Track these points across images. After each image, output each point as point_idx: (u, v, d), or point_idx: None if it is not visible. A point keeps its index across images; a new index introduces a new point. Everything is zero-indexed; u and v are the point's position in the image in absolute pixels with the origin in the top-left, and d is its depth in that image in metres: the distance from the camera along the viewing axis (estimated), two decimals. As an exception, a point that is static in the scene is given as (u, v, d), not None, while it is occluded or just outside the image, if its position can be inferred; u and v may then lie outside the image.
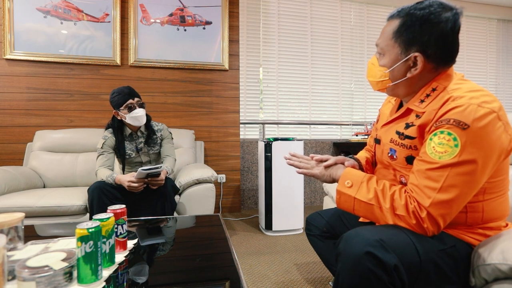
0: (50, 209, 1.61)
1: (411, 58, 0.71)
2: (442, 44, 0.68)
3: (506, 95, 3.72)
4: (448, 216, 0.63)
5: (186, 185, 1.78)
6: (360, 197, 0.71)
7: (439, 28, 0.67)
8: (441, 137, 0.63)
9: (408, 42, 0.70)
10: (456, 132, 0.61)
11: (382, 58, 0.77)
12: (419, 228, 0.64)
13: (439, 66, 0.71)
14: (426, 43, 0.68)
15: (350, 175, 0.76)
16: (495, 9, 3.60)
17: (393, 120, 0.81)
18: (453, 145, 0.61)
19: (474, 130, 0.60)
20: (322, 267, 1.59)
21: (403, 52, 0.72)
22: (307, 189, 3.09)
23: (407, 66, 0.72)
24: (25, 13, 2.27)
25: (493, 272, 0.62)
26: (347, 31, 3.22)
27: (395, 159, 0.77)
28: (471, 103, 0.61)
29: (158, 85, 2.55)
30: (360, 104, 3.28)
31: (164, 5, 2.52)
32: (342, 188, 0.75)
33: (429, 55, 0.69)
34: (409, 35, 0.70)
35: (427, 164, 0.64)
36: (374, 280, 0.58)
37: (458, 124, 0.61)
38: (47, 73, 2.34)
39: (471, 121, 0.60)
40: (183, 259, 0.87)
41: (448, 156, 0.61)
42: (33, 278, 0.55)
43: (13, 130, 2.29)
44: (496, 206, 0.70)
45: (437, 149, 0.63)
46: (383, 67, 0.76)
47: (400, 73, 0.74)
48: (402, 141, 0.74)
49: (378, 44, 0.78)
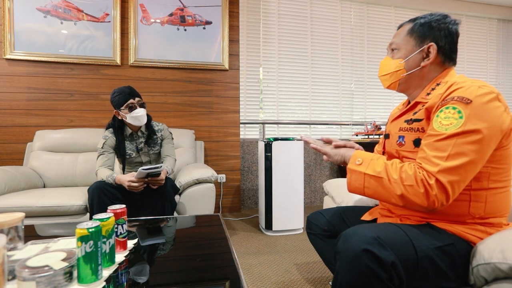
0: (50, 209, 1.61)
1: (425, 49, 0.81)
2: (450, 39, 0.80)
3: (506, 95, 3.72)
4: (456, 184, 0.63)
5: (186, 185, 1.78)
6: (370, 171, 0.72)
7: (446, 26, 0.80)
8: (446, 112, 0.68)
9: (423, 36, 0.81)
10: (460, 106, 0.66)
11: (397, 53, 0.86)
12: (427, 197, 0.64)
13: (446, 60, 0.81)
14: (438, 37, 0.80)
15: (360, 154, 0.78)
16: (495, 9, 3.59)
17: (402, 114, 0.87)
18: (458, 117, 0.65)
19: (476, 104, 0.65)
20: (322, 266, 1.59)
21: (417, 44, 0.82)
22: (307, 189, 3.09)
23: (421, 56, 0.82)
24: (25, 13, 2.27)
25: (493, 271, 0.62)
26: (347, 31, 3.22)
27: (403, 145, 0.81)
28: (472, 85, 0.68)
29: (158, 85, 2.55)
30: (360, 104, 3.28)
31: (164, 5, 2.52)
32: (353, 166, 0.76)
33: (440, 47, 0.80)
34: (423, 30, 0.81)
35: (435, 137, 0.67)
36: (372, 277, 0.59)
37: (461, 99, 0.66)
38: (47, 73, 2.34)
39: (473, 97, 0.66)
40: (183, 259, 0.87)
41: (453, 127, 0.65)
42: (33, 278, 0.55)
43: (13, 130, 2.29)
44: (498, 199, 0.71)
45: (443, 122, 0.67)
46: (399, 59, 0.85)
47: (415, 63, 0.82)
48: (410, 126, 0.80)
49: (393, 42, 0.88)
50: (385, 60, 0.89)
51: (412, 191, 0.65)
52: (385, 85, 0.90)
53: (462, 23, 3.55)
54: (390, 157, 0.88)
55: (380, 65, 0.91)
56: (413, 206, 0.66)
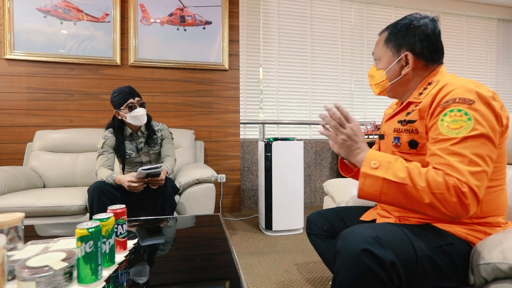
0: (50, 209, 1.61)
1: (403, 58, 0.81)
2: (427, 43, 0.79)
3: (506, 94, 3.72)
4: (482, 188, 0.61)
5: (186, 185, 1.78)
6: (391, 176, 0.65)
7: (420, 30, 0.79)
8: (452, 115, 0.66)
9: (397, 45, 0.82)
10: (465, 108, 0.65)
11: (379, 63, 0.88)
12: (461, 205, 0.60)
13: (428, 63, 0.80)
14: (413, 43, 0.79)
15: (375, 156, 0.70)
16: (495, 9, 3.59)
17: (395, 114, 0.86)
18: (466, 119, 0.64)
19: (479, 104, 0.65)
20: (322, 266, 1.59)
21: (395, 54, 0.83)
22: (307, 189, 3.09)
23: (400, 65, 0.82)
24: (25, 13, 2.27)
25: (493, 271, 0.62)
26: (347, 31, 3.22)
27: (399, 146, 0.80)
28: (468, 86, 0.68)
29: (158, 85, 2.55)
30: (360, 104, 3.28)
31: (164, 5, 2.52)
32: (368, 169, 0.68)
33: (417, 53, 0.79)
34: (398, 39, 0.82)
35: (448, 141, 0.65)
36: (372, 277, 0.59)
37: (464, 101, 0.65)
38: (47, 73, 2.34)
39: (474, 97, 0.65)
40: (183, 259, 0.87)
41: (465, 130, 0.63)
42: (33, 278, 0.55)
43: (13, 130, 2.29)
44: (494, 198, 0.71)
45: (452, 126, 0.65)
46: (381, 70, 0.87)
47: (396, 72, 0.83)
48: (404, 127, 0.79)
49: (374, 53, 0.90)
50: (371, 70, 0.91)
51: (444, 200, 0.60)
52: (376, 93, 0.92)
53: (462, 23, 3.55)
54: None
55: (368, 75, 0.94)
56: (440, 215, 0.62)
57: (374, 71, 0.90)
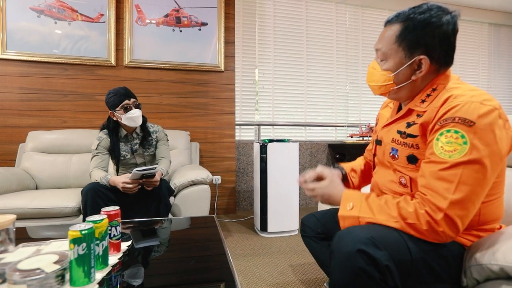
0: (43, 211, 1.59)
1: (416, 61, 0.71)
2: (446, 45, 0.70)
3: (498, 97, 3.78)
4: (465, 218, 0.61)
5: (181, 187, 1.78)
6: (364, 215, 0.69)
7: (441, 30, 0.69)
8: (448, 136, 0.62)
9: (412, 46, 0.71)
10: (463, 130, 0.60)
11: (385, 63, 0.76)
12: (433, 233, 0.62)
13: (441, 67, 0.73)
14: (431, 46, 0.70)
15: (350, 197, 0.74)
16: (486, 13, 3.66)
17: (394, 120, 0.81)
18: (462, 143, 0.60)
19: (480, 127, 0.60)
20: (317, 268, 1.60)
21: (407, 56, 0.72)
22: (302, 190, 3.09)
23: (412, 69, 0.73)
24: (18, 12, 2.24)
25: (484, 272, 0.62)
26: (342, 33, 3.24)
27: (396, 159, 0.77)
28: (473, 101, 0.62)
29: (153, 86, 2.53)
30: (355, 105, 3.31)
31: (159, 6, 2.51)
32: (345, 212, 0.72)
33: (434, 57, 0.70)
34: (413, 38, 0.70)
35: (438, 165, 0.63)
36: (366, 277, 0.59)
37: (464, 121, 0.61)
38: (41, 73, 2.32)
39: (476, 117, 0.60)
40: (178, 261, 0.87)
41: (458, 154, 0.60)
42: (24, 281, 0.54)
43: (5, 130, 2.26)
44: (492, 209, 0.70)
45: (445, 148, 0.62)
46: (387, 71, 0.76)
47: (405, 77, 0.74)
48: (404, 140, 0.74)
49: (379, 48, 0.77)
50: (373, 67, 0.80)
51: (414, 228, 0.63)
52: (375, 93, 0.84)
53: (455, 27, 3.60)
54: (382, 165, 0.86)
55: (368, 71, 0.83)
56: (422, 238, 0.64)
57: (376, 68, 0.79)
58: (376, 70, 0.79)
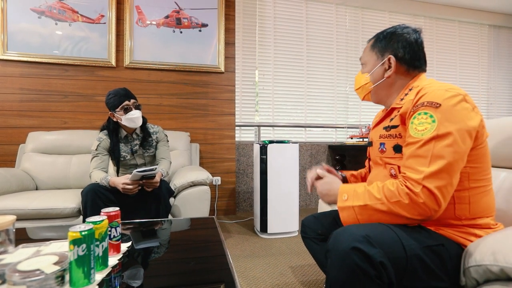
0: (43, 212, 1.59)
1: (386, 61, 0.86)
2: (409, 49, 0.84)
3: (497, 99, 3.79)
4: (444, 188, 0.65)
5: (181, 188, 1.78)
6: (356, 203, 0.73)
7: (403, 37, 0.85)
8: (419, 118, 0.71)
9: (382, 49, 0.88)
10: (431, 111, 0.70)
11: (365, 67, 0.93)
12: (415, 205, 0.66)
13: (410, 68, 0.85)
14: (396, 48, 0.85)
15: (344, 189, 0.79)
16: (486, 15, 3.67)
17: (380, 120, 0.91)
18: (431, 121, 0.69)
19: (445, 107, 0.69)
20: (317, 269, 1.59)
21: (379, 58, 0.88)
22: (302, 191, 3.10)
23: (383, 68, 0.87)
24: (19, 13, 2.25)
25: (484, 273, 0.62)
26: (342, 35, 3.25)
27: (384, 151, 0.84)
28: (440, 89, 0.73)
29: (153, 87, 2.54)
30: (355, 107, 3.31)
31: (160, 7, 2.52)
32: (341, 203, 0.77)
33: (400, 58, 0.85)
34: (382, 44, 0.88)
35: (414, 145, 0.71)
36: (361, 275, 0.60)
37: (431, 104, 0.70)
38: (41, 74, 2.32)
39: (441, 100, 0.70)
40: (177, 262, 0.87)
41: (428, 132, 0.69)
42: (24, 282, 0.54)
43: (5, 131, 2.26)
44: (482, 199, 0.73)
45: (418, 128, 0.71)
46: (365, 73, 0.93)
47: (379, 75, 0.89)
48: (388, 132, 0.83)
49: (362, 58, 0.95)
50: (358, 75, 0.97)
51: (400, 205, 0.67)
52: (360, 97, 0.99)
53: (455, 29, 3.62)
54: (375, 165, 0.91)
55: (354, 80, 1.00)
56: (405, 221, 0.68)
57: (359, 75, 0.96)
58: (359, 76, 0.97)
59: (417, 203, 0.65)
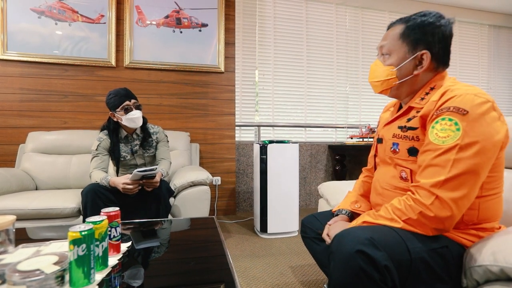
0: (43, 212, 1.59)
1: (418, 56, 0.77)
2: (444, 44, 0.76)
3: (497, 99, 3.78)
4: (460, 201, 0.62)
5: (181, 188, 1.78)
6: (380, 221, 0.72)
7: (440, 30, 0.76)
8: (442, 124, 0.66)
9: (415, 42, 0.77)
10: (456, 118, 0.64)
11: (389, 58, 0.81)
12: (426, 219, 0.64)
13: (439, 66, 0.78)
14: (431, 43, 0.76)
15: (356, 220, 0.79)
16: (487, 15, 3.67)
17: (395, 118, 0.84)
18: (455, 129, 0.64)
19: (473, 115, 0.63)
20: (317, 269, 1.59)
21: (410, 51, 0.78)
22: (302, 191, 3.10)
23: (414, 64, 0.78)
24: (18, 13, 2.25)
25: (484, 273, 0.62)
26: (342, 34, 3.25)
27: (397, 152, 0.79)
28: (468, 93, 0.66)
29: (153, 87, 2.54)
30: (355, 107, 3.31)
31: (160, 7, 2.52)
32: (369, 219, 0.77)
33: (434, 54, 0.76)
34: (416, 35, 0.77)
35: (433, 152, 0.66)
36: (365, 278, 0.59)
37: (458, 110, 0.65)
38: (41, 74, 2.32)
39: (469, 107, 0.64)
40: (178, 262, 0.87)
41: (451, 140, 0.64)
42: (24, 282, 0.54)
43: (5, 131, 2.26)
44: (491, 206, 0.71)
45: (439, 134, 0.66)
46: (390, 66, 0.81)
47: (408, 71, 0.79)
48: (404, 133, 0.78)
49: (383, 45, 0.83)
50: (375, 64, 0.85)
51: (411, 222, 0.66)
52: (376, 91, 0.87)
53: (455, 29, 3.61)
54: (383, 163, 0.88)
55: (370, 69, 0.87)
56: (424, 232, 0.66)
57: (379, 65, 0.83)
58: (378, 67, 0.83)
59: (427, 217, 0.63)
